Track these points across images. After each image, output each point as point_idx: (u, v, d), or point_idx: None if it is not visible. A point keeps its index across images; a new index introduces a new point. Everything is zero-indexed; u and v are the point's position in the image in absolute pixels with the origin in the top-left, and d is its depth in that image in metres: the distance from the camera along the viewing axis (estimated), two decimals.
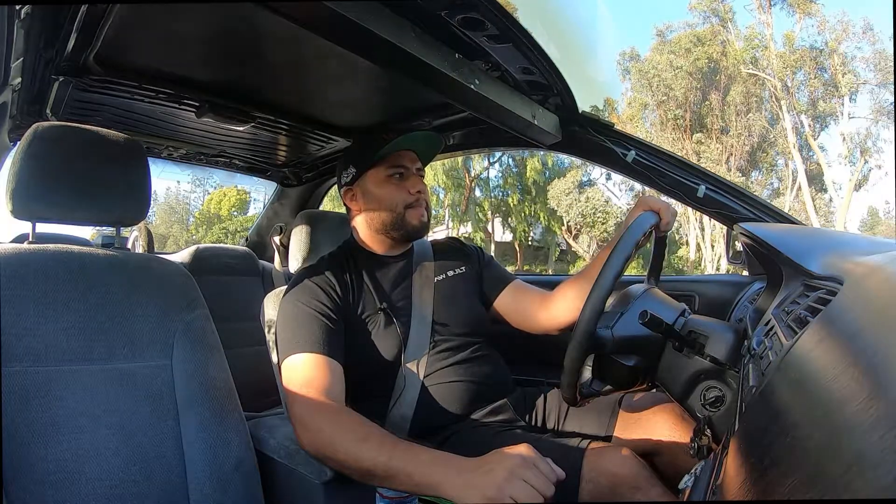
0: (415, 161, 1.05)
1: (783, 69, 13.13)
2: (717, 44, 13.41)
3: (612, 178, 14.42)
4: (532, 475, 0.61)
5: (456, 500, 0.63)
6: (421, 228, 1.03)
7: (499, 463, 0.63)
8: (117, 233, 0.85)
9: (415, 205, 1.02)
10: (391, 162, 1.02)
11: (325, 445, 0.75)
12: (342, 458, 0.73)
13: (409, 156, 1.04)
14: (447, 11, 0.83)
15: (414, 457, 0.68)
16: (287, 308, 0.92)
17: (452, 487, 0.64)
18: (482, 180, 16.54)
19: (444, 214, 16.07)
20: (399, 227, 1.02)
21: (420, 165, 1.06)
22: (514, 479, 0.61)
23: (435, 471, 0.66)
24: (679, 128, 13.69)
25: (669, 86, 13.49)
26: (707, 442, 0.70)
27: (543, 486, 0.61)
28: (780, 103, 13.30)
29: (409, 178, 1.03)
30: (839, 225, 13.18)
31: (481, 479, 0.62)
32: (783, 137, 13.57)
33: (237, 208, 20.05)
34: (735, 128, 13.46)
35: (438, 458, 0.68)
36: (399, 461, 0.68)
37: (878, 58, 12.68)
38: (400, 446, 0.71)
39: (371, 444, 0.71)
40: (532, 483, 0.61)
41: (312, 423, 0.76)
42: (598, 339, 0.79)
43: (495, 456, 0.65)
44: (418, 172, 1.05)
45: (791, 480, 0.26)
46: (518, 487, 0.60)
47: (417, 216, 1.02)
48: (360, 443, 0.72)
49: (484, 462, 0.65)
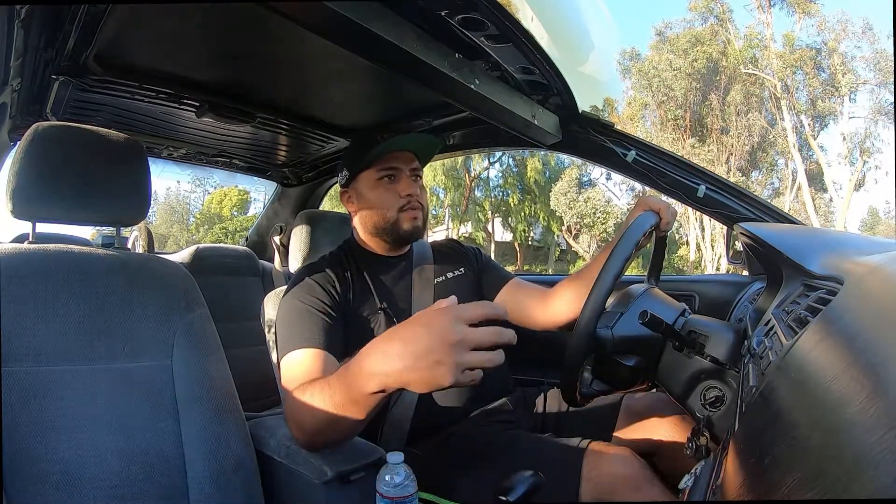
0: (409, 161, 1.02)
1: (783, 69, 13.13)
2: (716, 43, 13.40)
3: (612, 177, 14.43)
4: (476, 358, 0.56)
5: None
6: (413, 232, 1.01)
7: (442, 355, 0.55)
8: (117, 233, 0.85)
9: (406, 208, 1.00)
10: (383, 164, 1.00)
11: (309, 432, 0.73)
12: (320, 430, 0.70)
13: (404, 156, 1.01)
14: (447, 11, 0.83)
15: (353, 381, 0.63)
16: (287, 306, 0.91)
17: (407, 385, 0.59)
18: (482, 180, 16.55)
19: (444, 214, 16.07)
20: (391, 230, 1.00)
21: (416, 166, 1.03)
22: (461, 369, 0.55)
23: (370, 379, 0.60)
24: (679, 128, 13.69)
25: (669, 86, 13.49)
26: (705, 442, 0.70)
27: (493, 360, 0.56)
28: (779, 103, 13.30)
29: (401, 179, 1.00)
30: (839, 225, 13.17)
31: (431, 374, 0.56)
32: (783, 137, 13.56)
33: (237, 208, 20.05)
34: (735, 128, 13.45)
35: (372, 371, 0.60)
36: (343, 395, 0.64)
37: (878, 57, 12.68)
38: (335, 380, 0.67)
39: (322, 398, 0.67)
40: (475, 362, 0.56)
41: (298, 414, 0.74)
42: (599, 340, 0.79)
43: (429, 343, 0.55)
44: (413, 174, 1.02)
45: (791, 480, 0.26)
46: (468, 376, 0.56)
47: (409, 219, 1.00)
48: (314, 406, 0.68)
49: (423, 356, 0.56)
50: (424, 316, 0.58)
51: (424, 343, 0.56)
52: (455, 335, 0.55)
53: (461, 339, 0.55)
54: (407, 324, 0.59)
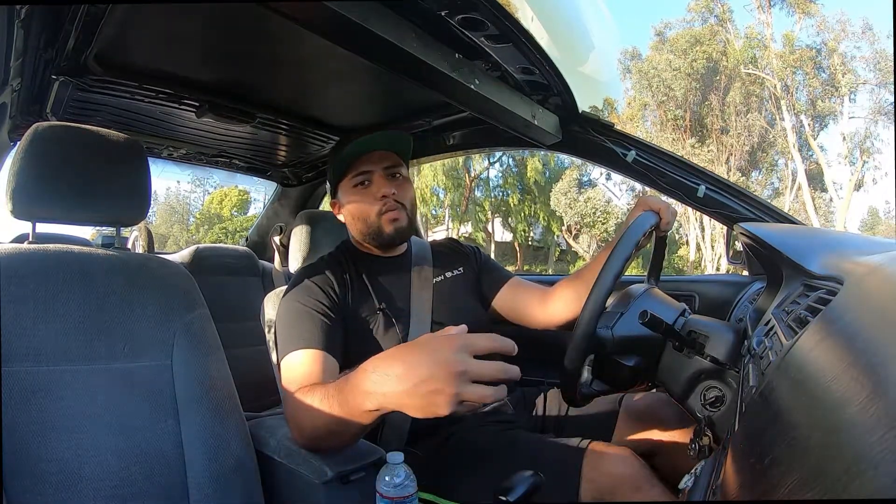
0: (381, 160, 0.99)
1: (783, 69, 13.13)
2: (715, 43, 13.40)
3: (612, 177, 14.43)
4: (477, 393, 0.54)
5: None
6: (396, 233, 0.99)
7: (443, 384, 0.54)
8: (117, 233, 0.85)
9: (385, 210, 0.97)
10: (354, 170, 0.98)
11: (307, 436, 0.74)
12: (318, 436, 0.72)
13: (374, 156, 0.98)
14: (447, 11, 0.83)
15: (351, 396, 0.63)
16: (286, 307, 0.92)
17: (404, 408, 0.58)
18: (482, 180, 16.55)
19: (444, 214, 16.07)
20: (376, 235, 1.00)
21: (390, 163, 0.99)
22: (459, 400, 0.54)
23: (368, 398, 0.60)
24: (679, 128, 13.69)
25: (669, 86, 13.49)
26: (708, 442, 0.70)
27: (494, 396, 0.55)
28: (779, 103, 13.30)
29: (374, 182, 0.98)
30: (839, 225, 13.17)
31: (429, 401, 0.55)
32: (783, 137, 13.56)
33: (237, 208, 20.05)
34: (735, 128, 13.45)
35: (370, 390, 0.60)
36: (340, 408, 0.64)
37: (878, 57, 12.68)
38: (333, 391, 0.66)
39: (321, 408, 0.68)
40: (473, 397, 0.54)
41: (297, 416, 0.75)
42: (599, 340, 0.79)
43: (432, 371, 0.54)
44: (388, 171, 0.99)
45: (791, 480, 0.26)
46: (465, 406, 0.55)
47: (389, 221, 0.98)
48: (312, 412, 0.69)
49: (423, 382, 0.55)
50: (431, 341, 0.58)
51: (427, 370, 0.55)
52: (458, 366, 0.54)
53: (464, 371, 0.54)
54: (412, 346, 0.59)
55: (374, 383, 0.59)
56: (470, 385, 0.54)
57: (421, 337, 0.60)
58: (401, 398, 0.57)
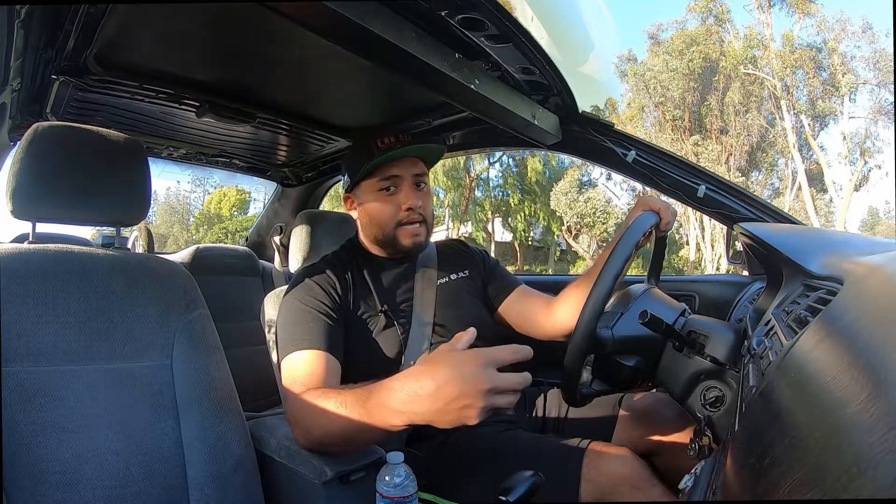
0: (412, 167, 0.96)
1: (783, 69, 13.12)
2: (712, 43, 13.39)
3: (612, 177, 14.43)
4: (503, 402, 0.58)
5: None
6: (413, 248, 0.98)
7: (473, 400, 0.57)
8: (117, 233, 0.85)
9: (406, 222, 0.96)
10: (382, 173, 0.95)
11: (314, 440, 0.74)
12: (329, 442, 0.72)
13: (406, 162, 0.96)
14: (447, 11, 0.83)
15: (377, 411, 0.64)
16: (288, 306, 0.91)
17: (434, 423, 0.61)
18: (482, 180, 16.55)
19: (444, 214, 16.07)
20: (390, 244, 0.98)
21: (420, 171, 0.98)
22: (487, 409, 0.58)
23: (397, 415, 0.62)
24: (678, 129, 13.69)
25: (667, 87, 13.48)
26: (708, 442, 0.70)
27: (514, 401, 0.60)
28: (779, 103, 13.29)
29: (402, 189, 0.96)
30: (839, 225, 13.16)
31: (459, 415, 0.58)
32: (783, 137, 13.55)
33: (237, 208, 20.05)
34: (734, 128, 13.44)
35: (400, 409, 0.61)
36: (363, 420, 0.65)
37: (878, 57, 12.68)
38: (353, 401, 0.67)
39: (337, 414, 0.68)
40: (502, 404, 0.59)
41: (304, 419, 0.75)
42: (599, 340, 0.79)
43: (463, 389, 0.57)
44: (416, 179, 0.97)
45: (791, 480, 0.26)
46: (489, 413, 0.59)
47: (409, 235, 0.96)
48: (327, 417, 0.69)
49: (454, 400, 0.57)
50: (457, 356, 0.60)
51: (458, 387, 0.57)
52: (487, 382, 0.57)
53: (493, 387, 0.57)
54: (438, 363, 0.60)
55: (403, 402, 0.61)
56: (496, 396, 0.58)
57: (442, 351, 0.62)
58: (433, 416, 0.60)
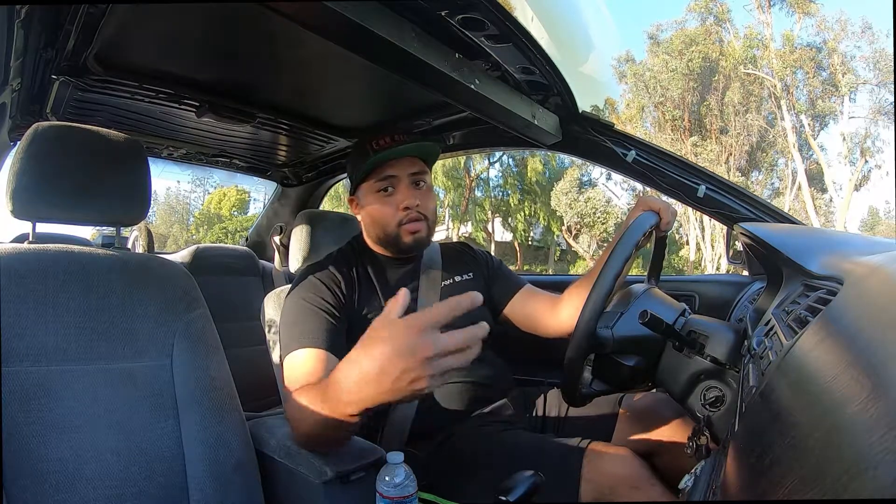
0: (409, 166, 0.96)
1: (783, 69, 13.12)
2: (712, 43, 13.38)
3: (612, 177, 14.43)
4: (452, 363, 0.54)
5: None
6: (414, 245, 0.98)
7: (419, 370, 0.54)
8: (117, 233, 0.85)
9: (406, 221, 0.96)
10: (379, 174, 0.96)
11: (303, 437, 0.74)
12: (314, 440, 0.72)
13: (402, 162, 0.96)
14: (447, 11, 0.83)
15: (334, 405, 0.63)
16: (291, 304, 0.91)
17: (387, 402, 0.58)
18: (482, 180, 16.55)
19: (444, 214, 16.07)
20: (392, 244, 0.99)
21: (417, 170, 0.97)
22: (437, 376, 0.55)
23: (350, 406, 0.60)
24: (678, 129, 13.69)
25: (666, 87, 13.48)
26: (705, 442, 0.70)
27: (467, 357, 0.55)
28: (779, 103, 13.29)
29: (399, 189, 0.96)
30: (839, 225, 13.16)
31: (409, 389, 0.55)
32: (783, 137, 13.55)
33: (237, 208, 20.05)
34: (734, 128, 13.44)
35: (349, 399, 0.60)
36: (329, 410, 0.64)
37: (878, 57, 12.67)
38: (319, 396, 0.65)
39: (309, 410, 0.67)
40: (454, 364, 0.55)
41: (294, 417, 0.74)
42: (599, 339, 0.79)
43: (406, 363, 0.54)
44: (414, 178, 0.97)
45: (791, 480, 0.26)
46: (443, 378, 0.55)
47: (409, 233, 0.97)
48: (306, 413, 0.68)
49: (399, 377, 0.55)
50: (390, 331, 0.56)
51: (402, 363, 0.54)
52: (428, 349, 0.53)
53: (437, 352, 0.53)
54: (375, 341, 0.57)
55: (350, 392, 0.59)
56: (444, 359, 0.54)
57: (377, 326, 0.58)
58: (384, 396, 0.57)
